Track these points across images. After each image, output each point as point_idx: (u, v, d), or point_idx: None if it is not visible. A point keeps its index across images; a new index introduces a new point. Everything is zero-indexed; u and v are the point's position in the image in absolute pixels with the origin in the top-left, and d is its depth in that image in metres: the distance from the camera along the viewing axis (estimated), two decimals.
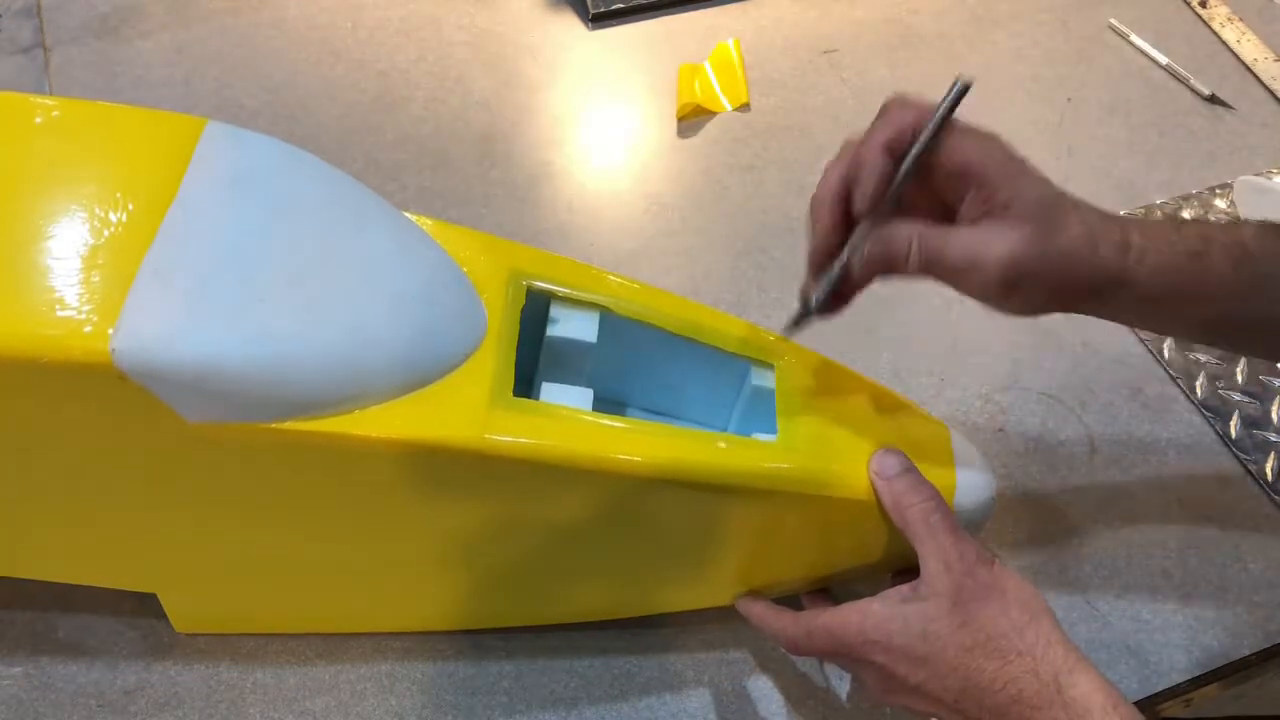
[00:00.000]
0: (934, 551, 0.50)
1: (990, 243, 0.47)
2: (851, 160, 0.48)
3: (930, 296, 0.79)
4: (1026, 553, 0.67)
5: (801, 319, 0.53)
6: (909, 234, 0.48)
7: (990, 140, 0.48)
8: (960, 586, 0.49)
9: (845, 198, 0.48)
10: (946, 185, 0.48)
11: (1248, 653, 0.64)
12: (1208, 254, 0.49)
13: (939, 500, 0.51)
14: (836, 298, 0.51)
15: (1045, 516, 0.69)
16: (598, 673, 0.61)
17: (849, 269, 0.49)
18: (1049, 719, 0.46)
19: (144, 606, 0.59)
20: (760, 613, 0.57)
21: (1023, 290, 0.47)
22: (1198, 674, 0.63)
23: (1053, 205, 0.48)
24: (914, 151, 0.47)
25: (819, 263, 0.50)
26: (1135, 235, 0.49)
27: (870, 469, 0.53)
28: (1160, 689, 0.62)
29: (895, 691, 0.51)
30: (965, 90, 0.46)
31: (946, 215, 0.49)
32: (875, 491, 0.53)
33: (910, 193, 0.48)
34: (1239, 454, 0.73)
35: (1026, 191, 0.47)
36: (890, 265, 0.48)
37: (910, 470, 0.53)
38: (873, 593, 0.52)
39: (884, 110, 0.48)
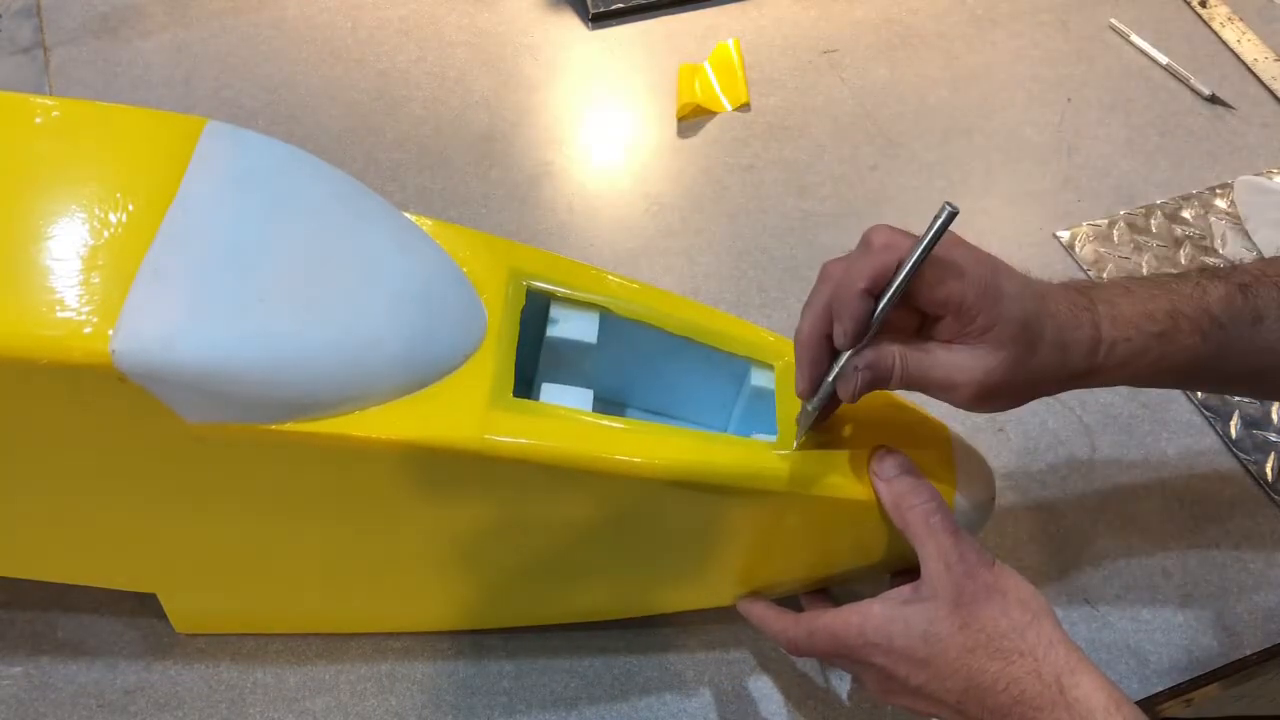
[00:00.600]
0: (934, 552, 0.50)
1: (967, 368, 0.49)
2: (833, 295, 0.48)
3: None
4: (1026, 553, 0.67)
5: (800, 436, 0.53)
6: (892, 355, 0.49)
7: (968, 268, 0.48)
8: (961, 587, 0.49)
9: (828, 330, 0.49)
10: (925, 310, 0.49)
11: (1248, 653, 0.64)
12: (1176, 331, 0.51)
13: (939, 501, 0.51)
14: (827, 409, 0.52)
15: (1045, 516, 0.69)
16: (598, 673, 0.61)
17: (836, 389, 0.50)
18: (1052, 719, 0.46)
19: (144, 606, 0.59)
20: (761, 614, 0.57)
21: (997, 401, 0.50)
22: (1198, 674, 0.63)
23: (1030, 326, 0.49)
24: (894, 290, 0.47)
25: (809, 389, 0.51)
26: (1106, 328, 0.51)
27: (870, 470, 0.53)
28: (1160, 689, 0.62)
29: (896, 693, 0.51)
30: (950, 220, 0.46)
31: (924, 326, 0.51)
32: (875, 492, 0.53)
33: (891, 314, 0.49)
34: (1239, 454, 0.73)
35: (1006, 315, 0.48)
36: (877, 385, 0.50)
37: (910, 471, 0.52)
38: (873, 593, 0.52)
39: (866, 244, 0.49)
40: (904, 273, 0.47)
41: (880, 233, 0.48)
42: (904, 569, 0.56)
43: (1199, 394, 0.75)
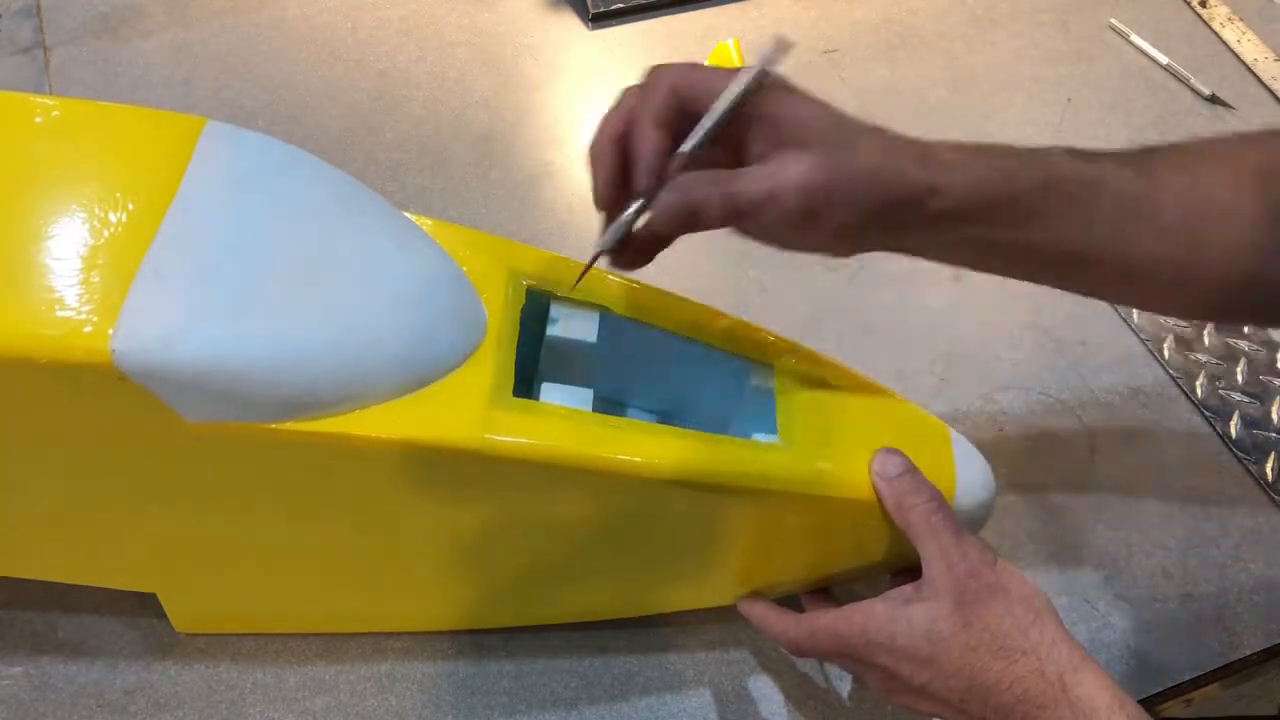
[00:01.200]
0: (936, 552, 0.50)
1: (784, 171, 0.45)
2: (627, 122, 0.46)
3: (930, 297, 0.79)
4: (1026, 553, 0.67)
5: (592, 263, 0.50)
6: (706, 177, 0.46)
7: (775, 89, 0.47)
8: (964, 586, 0.49)
9: (623, 146, 0.46)
10: (731, 132, 0.47)
11: (1248, 653, 0.64)
12: (1014, 174, 0.48)
13: (940, 500, 0.51)
14: (640, 253, 0.49)
15: (1045, 516, 0.69)
16: (598, 673, 0.61)
17: (650, 224, 0.46)
18: (1055, 718, 0.46)
19: (144, 606, 0.59)
20: (762, 614, 0.57)
21: (826, 216, 0.46)
22: (1198, 674, 0.63)
23: (845, 127, 0.46)
24: (702, 133, 0.45)
25: (607, 208, 0.47)
26: (941, 151, 0.48)
27: (871, 469, 0.53)
28: (1160, 689, 0.62)
29: (899, 692, 0.51)
30: (763, 77, 0.44)
31: (735, 157, 0.48)
32: (876, 492, 0.53)
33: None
34: (1239, 454, 0.73)
35: (815, 118, 0.46)
36: (692, 215, 0.46)
37: (911, 471, 0.52)
38: (874, 593, 0.52)
39: (653, 82, 0.46)
40: (716, 116, 0.44)
41: (665, 72, 0.46)
42: (905, 568, 0.56)
43: (1199, 393, 0.75)
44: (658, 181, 0.45)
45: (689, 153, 0.45)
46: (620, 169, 0.47)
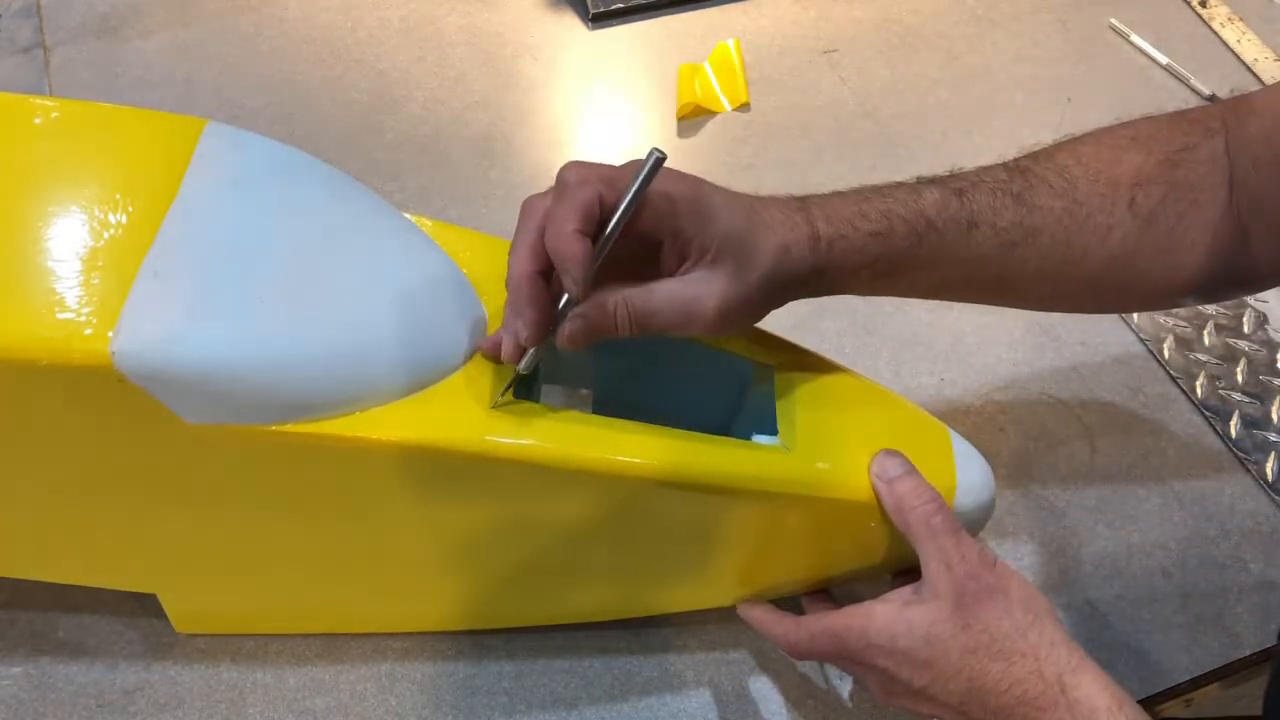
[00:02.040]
0: (936, 553, 0.50)
1: (699, 297, 0.49)
2: (549, 240, 0.46)
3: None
4: (1026, 553, 0.67)
5: (511, 386, 0.50)
6: (614, 300, 0.48)
7: (677, 191, 0.48)
8: (963, 588, 0.49)
9: (543, 270, 0.47)
10: (639, 242, 0.49)
11: (1248, 653, 0.64)
12: (891, 232, 0.52)
13: (940, 502, 0.51)
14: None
15: (1045, 516, 0.69)
16: (598, 673, 0.61)
17: (560, 338, 0.48)
18: None
19: (144, 606, 0.59)
20: (761, 617, 0.57)
21: (738, 320, 0.51)
22: (1198, 674, 0.63)
23: (745, 236, 0.49)
24: (609, 232, 0.46)
25: (537, 334, 0.48)
26: (821, 226, 0.51)
27: (871, 471, 0.53)
28: (1160, 689, 0.62)
29: (899, 694, 0.51)
30: (658, 166, 0.46)
31: (644, 259, 0.49)
32: (876, 494, 0.53)
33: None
34: (1239, 454, 0.73)
35: (718, 231, 0.48)
36: (600, 333, 0.48)
37: (911, 472, 0.52)
38: (874, 594, 0.52)
39: (562, 184, 0.47)
40: (620, 214, 0.46)
41: (572, 169, 0.48)
42: (905, 569, 0.56)
43: (1199, 393, 0.75)
44: (587, 285, 0.46)
45: (601, 253, 0.46)
46: (545, 302, 0.48)
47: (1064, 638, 0.48)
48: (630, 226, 0.47)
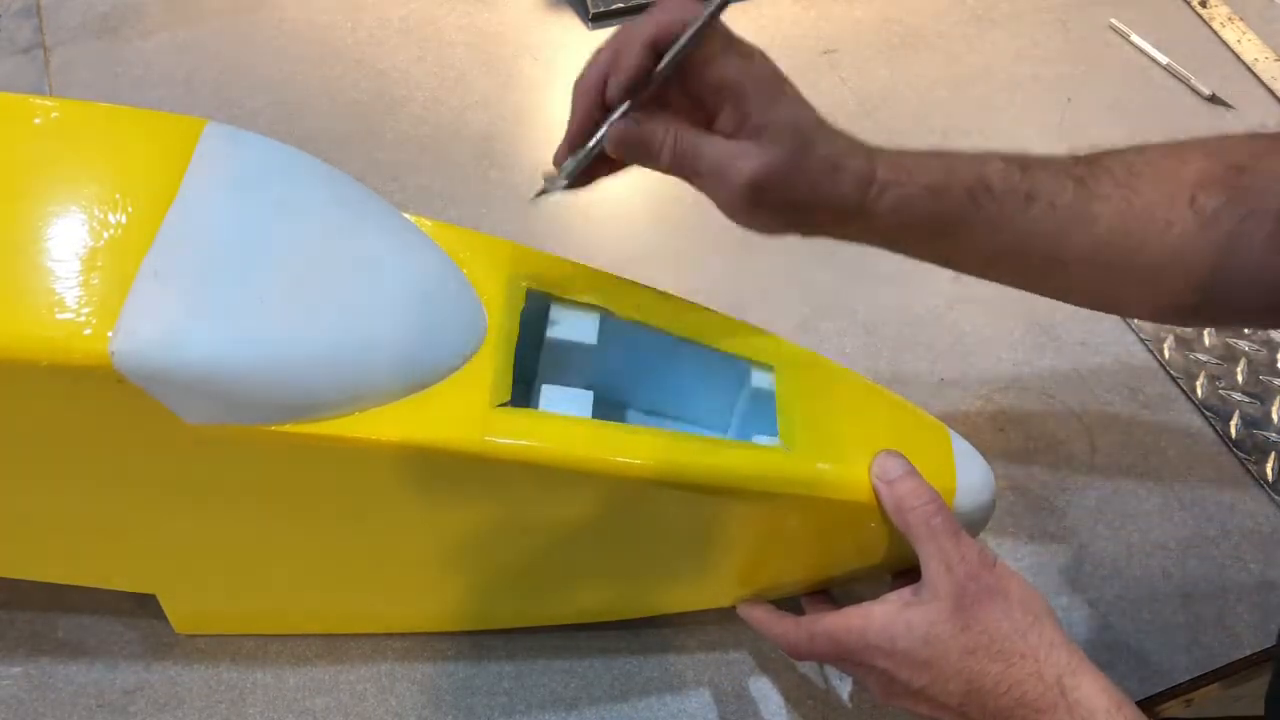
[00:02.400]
0: (936, 554, 0.50)
1: (740, 158, 0.49)
2: (617, 45, 0.49)
3: (930, 297, 0.79)
4: (1026, 553, 0.67)
5: (547, 189, 0.53)
6: (666, 128, 0.50)
7: (754, 57, 0.50)
8: (963, 589, 0.49)
9: (605, 87, 0.50)
10: (707, 94, 0.50)
11: (1248, 653, 0.64)
12: (948, 189, 0.52)
13: (940, 503, 0.51)
14: (585, 175, 0.53)
15: (1045, 516, 0.69)
16: (598, 673, 0.61)
17: (603, 148, 0.51)
18: None
19: (144, 607, 0.59)
20: (762, 618, 0.57)
21: (765, 206, 0.51)
22: (1198, 674, 0.63)
23: (804, 131, 0.50)
24: (674, 51, 0.48)
25: (574, 141, 0.51)
26: (881, 170, 0.51)
27: (872, 472, 0.53)
28: (1160, 689, 0.62)
29: (899, 695, 0.51)
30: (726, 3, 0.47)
31: (705, 122, 0.51)
32: (877, 494, 0.53)
33: (673, 95, 0.50)
34: (1239, 454, 0.73)
35: (781, 115, 0.49)
36: (643, 153, 0.50)
37: (912, 473, 0.52)
38: (874, 594, 0.52)
39: (659, 4, 0.49)
40: (686, 36, 0.47)
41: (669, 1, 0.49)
42: (905, 570, 0.56)
43: (1199, 393, 0.75)
44: (630, 92, 0.49)
45: (662, 73, 0.49)
46: (599, 109, 0.50)
47: (1064, 639, 0.48)
48: (701, 74, 0.49)
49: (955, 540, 0.50)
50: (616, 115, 0.49)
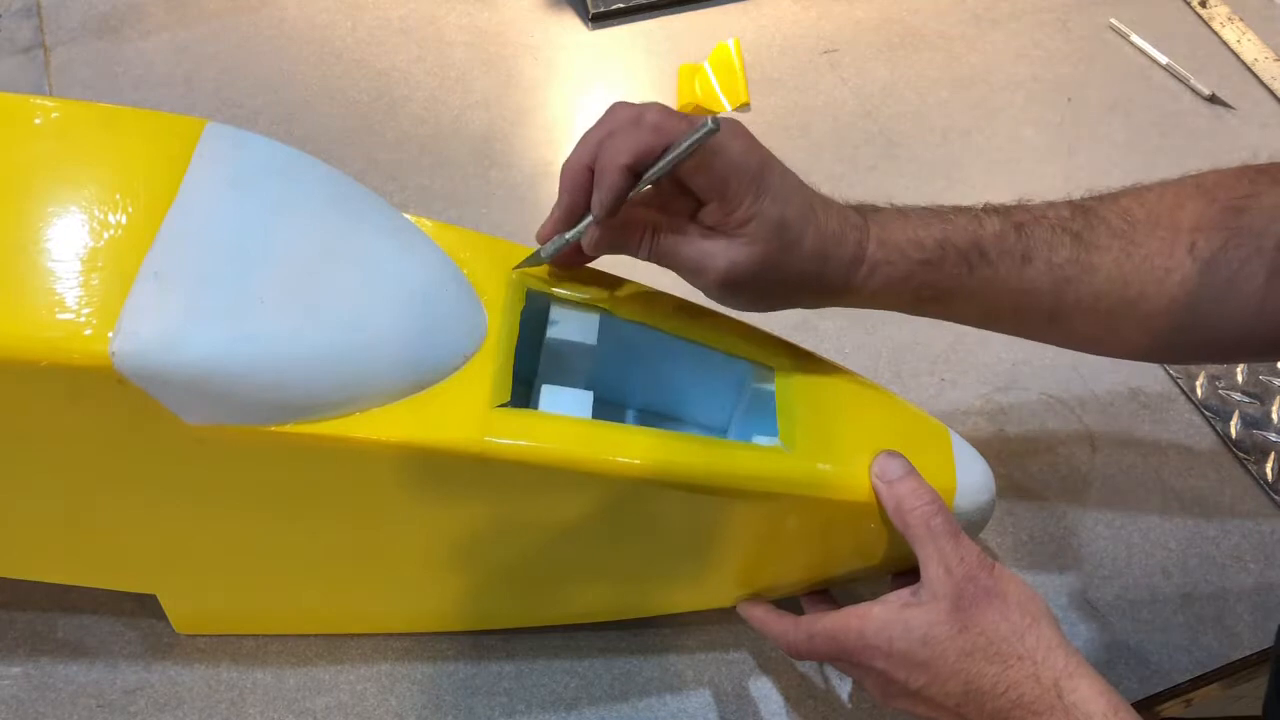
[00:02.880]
0: (934, 555, 0.50)
1: (716, 257, 0.50)
2: (598, 159, 0.50)
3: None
4: (1026, 553, 0.67)
5: (532, 262, 0.55)
6: (644, 228, 0.51)
7: (741, 158, 0.50)
8: (961, 591, 0.49)
9: (590, 173, 0.51)
10: (692, 185, 0.50)
11: (1248, 653, 0.64)
12: (942, 260, 0.52)
13: (940, 504, 0.51)
14: (576, 255, 0.54)
15: (1045, 516, 0.69)
16: (598, 673, 0.61)
17: (587, 240, 0.52)
18: None
19: (144, 607, 0.59)
20: (761, 617, 0.57)
21: (744, 296, 0.52)
22: (1198, 674, 0.63)
23: (790, 227, 0.50)
24: (652, 173, 0.49)
25: (559, 225, 0.52)
26: (872, 248, 0.52)
27: (872, 472, 0.53)
28: (1160, 689, 0.62)
29: (897, 696, 0.51)
30: (708, 135, 0.47)
31: (692, 208, 0.51)
32: (877, 495, 0.53)
33: (659, 182, 0.50)
34: (1239, 454, 0.73)
35: (766, 212, 0.50)
36: (620, 248, 0.52)
37: (912, 474, 0.52)
38: (874, 594, 0.52)
39: (638, 119, 0.49)
40: (654, 170, 0.48)
41: (653, 112, 0.49)
42: (905, 570, 0.56)
43: (1199, 393, 0.75)
44: (611, 213, 0.50)
45: (641, 190, 0.50)
46: (584, 197, 0.51)
47: (1062, 641, 0.48)
48: (689, 172, 0.49)
49: (954, 542, 0.50)
50: (590, 221, 0.51)
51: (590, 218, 0.51)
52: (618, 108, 0.51)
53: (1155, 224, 0.53)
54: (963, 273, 0.52)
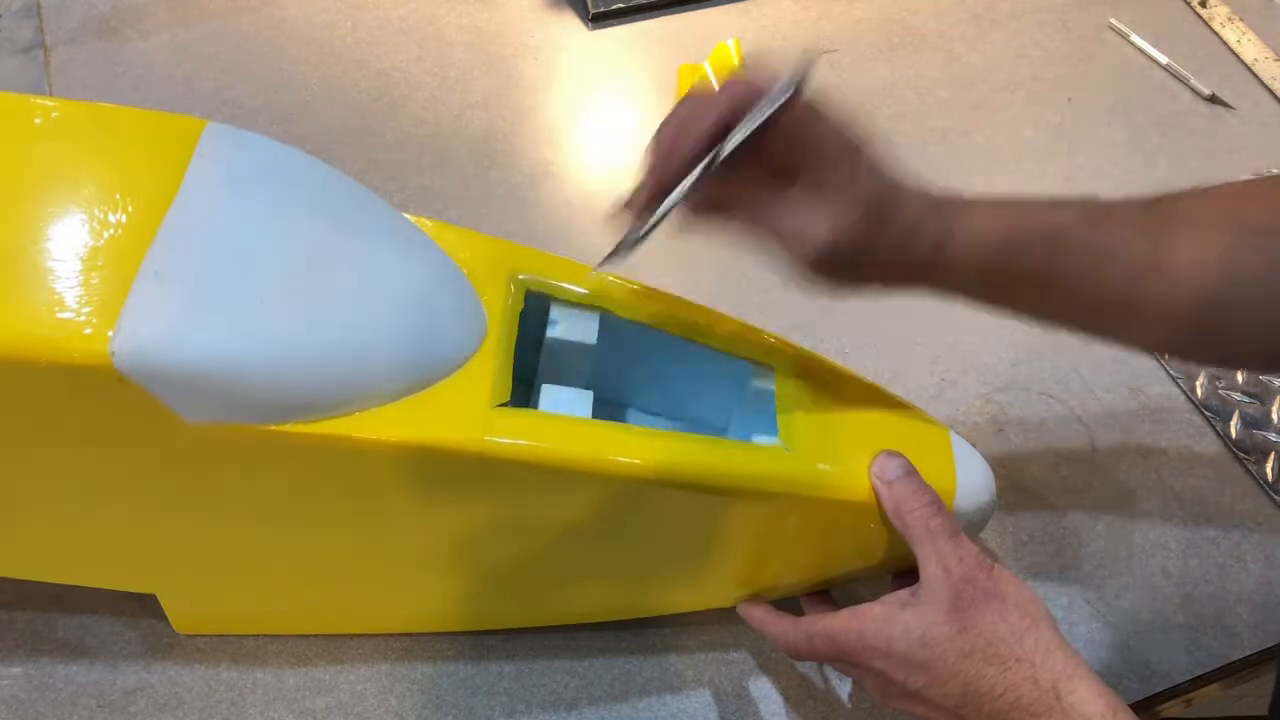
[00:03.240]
0: (933, 556, 0.50)
1: (815, 224, 0.48)
2: (681, 126, 0.48)
3: (930, 297, 0.79)
4: (1026, 553, 0.67)
5: (620, 254, 0.52)
6: (740, 193, 0.50)
7: (838, 123, 0.49)
8: (960, 592, 0.49)
9: (677, 148, 0.48)
10: (786, 155, 0.49)
11: (1248, 653, 0.64)
12: (1024, 248, 0.51)
13: (939, 505, 0.51)
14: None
15: (1045, 516, 0.69)
16: (598, 673, 0.61)
17: (681, 208, 0.49)
18: None
19: (144, 607, 0.59)
20: (761, 617, 0.57)
21: (835, 272, 0.50)
22: (1198, 674, 0.63)
23: (882, 202, 0.49)
24: (740, 134, 0.47)
25: (650, 199, 0.49)
26: (958, 231, 0.50)
27: (871, 472, 0.53)
28: (1160, 689, 0.62)
29: (896, 696, 0.51)
30: (804, 76, 0.46)
31: (781, 181, 0.50)
32: (876, 495, 0.53)
33: (750, 152, 0.48)
34: (1239, 454, 0.73)
35: (860, 185, 0.48)
36: (718, 216, 0.50)
37: (911, 474, 0.52)
38: (874, 595, 0.52)
39: (716, 92, 0.48)
40: (752, 122, 0.46)
41: (734, 81, 0.48)
42: (905, 570, 0.56)
43: (1199, 393, 0.75)
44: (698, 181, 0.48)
45: (726, 157, 0.47)
46: (673, 176, 0.49)
47: (1060, 643, 0.48)
48: (781, 136, 0.47)
49: (953, 542, 0.50)
50: (691, 180, 0.48)
51: (677, 193, 0.48)
52: (696, 86, 0.49)
53: (1225, 223, 0.52)
54: (1042, 264, 0.51)
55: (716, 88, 0.48)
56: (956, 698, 0.48)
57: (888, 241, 0.49)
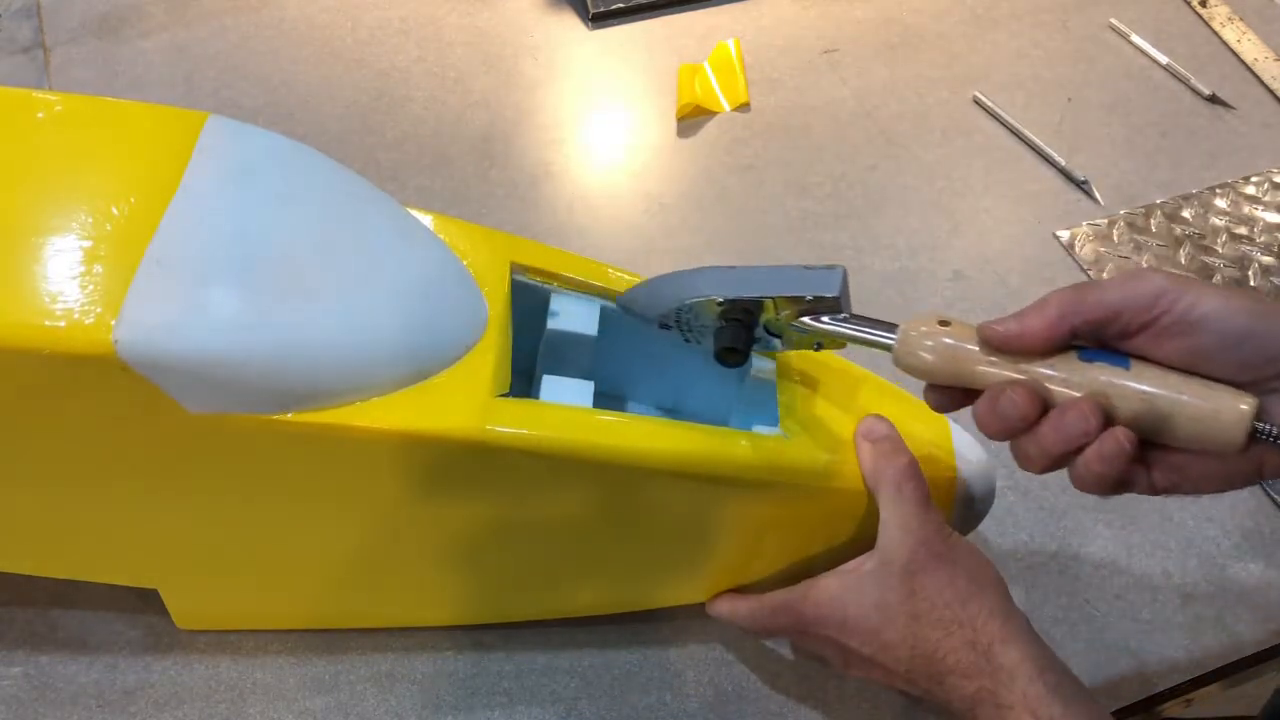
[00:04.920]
0: (896, 517, 0.51)
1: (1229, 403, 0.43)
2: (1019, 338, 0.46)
3: (931, 295, 0.79)
4: (1026, 553, 0.67)
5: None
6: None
7: (1222, 297, 0.44)
8: (914, 554, 0.50)
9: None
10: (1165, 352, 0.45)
11: (1248, 653, 0.64)
12: None
13: (915, 470, 0.52)
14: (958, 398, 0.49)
15: (1045, 516, 0.69)
16: (598, 672, 0.61)
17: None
18: (976, 688, 0.47)
19: (145, 604, 0.59)
20: (730, 606, 0.57)
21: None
22: (1198, 674, 0.63)
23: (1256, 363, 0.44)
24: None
25: (1006, 343, 0.46)
26: None
27: (856, 431, 0.53)
28: (1160, 689, 0.62)
29: (855, 665, 0.52)
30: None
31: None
32: (857, 453, 0.53)
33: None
34: None
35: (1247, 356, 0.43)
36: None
37: (893, 436, 0.53)
38: None
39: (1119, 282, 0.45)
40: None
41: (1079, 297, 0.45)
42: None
43: None
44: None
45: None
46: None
47: (1005, 609, 0.49)
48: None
49: (919, 508, 0.51)
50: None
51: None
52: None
53: None
54: None
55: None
56: (906, 661, 0.49)
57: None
